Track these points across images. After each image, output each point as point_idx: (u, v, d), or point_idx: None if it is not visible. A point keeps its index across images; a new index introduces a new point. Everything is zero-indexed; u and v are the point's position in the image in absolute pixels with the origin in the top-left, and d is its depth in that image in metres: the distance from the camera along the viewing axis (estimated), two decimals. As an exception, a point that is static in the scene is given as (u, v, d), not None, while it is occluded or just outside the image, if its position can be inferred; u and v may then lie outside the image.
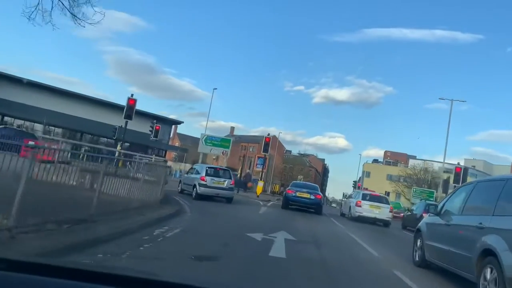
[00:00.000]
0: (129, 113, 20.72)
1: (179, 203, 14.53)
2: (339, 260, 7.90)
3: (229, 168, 19.26)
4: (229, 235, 8.90)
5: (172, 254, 6.33)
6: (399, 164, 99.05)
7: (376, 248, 10.39)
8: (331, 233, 12.92)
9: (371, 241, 11.88)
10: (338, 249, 9.78)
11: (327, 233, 12.54)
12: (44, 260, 1.79)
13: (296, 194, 19.75)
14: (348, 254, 9.15)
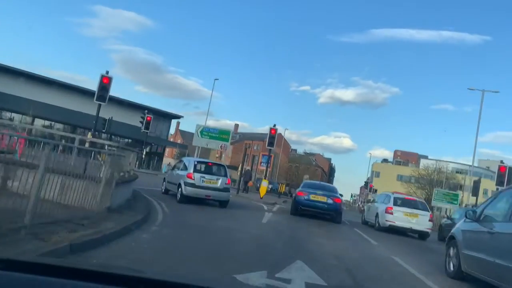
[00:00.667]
0: (102, 94, 16.67)
1: (149, 209, 10.42)
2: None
3: (223, 164, 15.09)
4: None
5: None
6: (409, 164, 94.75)
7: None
8: (371, 259, 8.74)
9: (431, 270, 7.82)
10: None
11: (366, 261, 8.37)
12: (43, 259, 2.05)
13: (310, 197, 15.60)
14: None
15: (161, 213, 10.72)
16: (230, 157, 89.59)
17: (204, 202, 14.47)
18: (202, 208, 13.49)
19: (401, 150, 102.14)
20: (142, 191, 15.68)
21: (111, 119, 38.12)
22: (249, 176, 27.96)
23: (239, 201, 19.47)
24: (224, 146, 26.32)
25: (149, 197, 14.28)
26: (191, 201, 13.92)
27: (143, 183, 20.06)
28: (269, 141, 22.83)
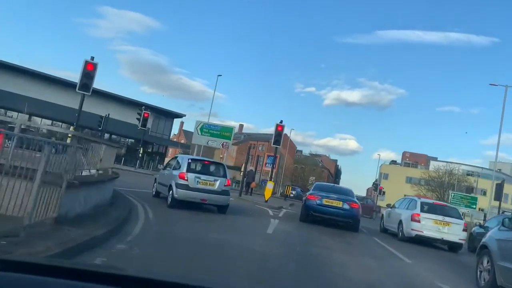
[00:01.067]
0: (86, 83, 14.63)
1: (126, 217, 8.29)
2: None
3: (222, 162, 12.95)
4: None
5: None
6: (418, 166, 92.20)
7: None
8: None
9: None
10: None
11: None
12: (44, 260, 1.95)
13: (323, 201, 13.44)
14: None
15: (141, 222, 8.59)
16: (234, 157, 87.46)
17: (200, 207, 12.38)
18: (196, 214, 11.37)
19: (409, 152, 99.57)
20: (131, 193, 13.74)
21: (108, 116, 36.16)
22: (252, 176, 25.56)
23: (241, 205, 17.33)
24: (226, 144, 24.13)
25: (136, 200, 12.23)
26: (184, 205, 11.84)
27: (136, 184, 18.03)
28: (275, 139, 20.67)
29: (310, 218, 13.64)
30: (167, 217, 10.36)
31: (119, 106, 50.80)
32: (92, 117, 38.52)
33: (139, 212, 10.00)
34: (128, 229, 7.53)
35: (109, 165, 11.78)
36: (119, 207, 9.41)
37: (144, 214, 9.82)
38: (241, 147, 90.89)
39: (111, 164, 12.04)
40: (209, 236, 8.31)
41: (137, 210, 10.21)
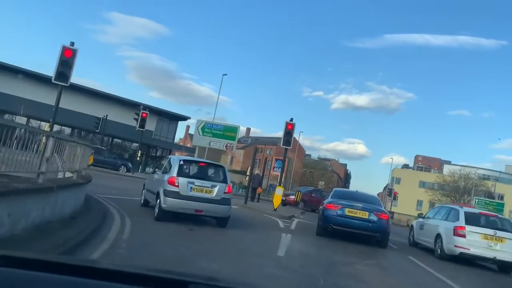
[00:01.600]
0: (63, 71, 12.41)
1: (86, 236, 5.99)
2: None
3: (222, 164, 10.58)
4: None
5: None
6: (432, 170, 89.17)
7: None
8: None
9: None
10: None
11: None
12: (42, 256, 1.90)
13: (345, 212, 11.05)
14: None
15: (107, 244, 6.28)
16: (241, 162, 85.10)
17: (195, 219, 10.08)
18: (188, 229, 9.04)
19: (422, 155, 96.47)
20: (116, 201, 11.58)
21: (106, 118, 34.06)
22: (258, 181, 23.08)
23: (246, 214, 14.98)
24: (230, 146, 21.77)
25: (116, 211, 9.97)
26: (175, 218, 9.56)
27: (126, 191, 15.80)
28: (285, 138, 18.31)
29: (329, 230, 11.26)
30: (148, 234, 8.06)
31: (122, 108, 48.67)
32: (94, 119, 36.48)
33: (112, 228, 7.70)
34: (82, 255, 5.25)
35: (82, 167, 9.55)
36: (83, 223, 7.11)
37: (118, 231, 7.52)
38: (248, 151, 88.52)
39: (85, 165, 9.79)
40: (197, 264, 5.96)
41: (110, 226, 7.92)
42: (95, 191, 13.21)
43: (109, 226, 7.89)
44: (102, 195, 12.72)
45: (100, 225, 7.55)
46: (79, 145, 8.05)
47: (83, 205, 8.89)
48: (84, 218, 7.49)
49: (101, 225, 7.66)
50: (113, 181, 19.93)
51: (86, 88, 46.53)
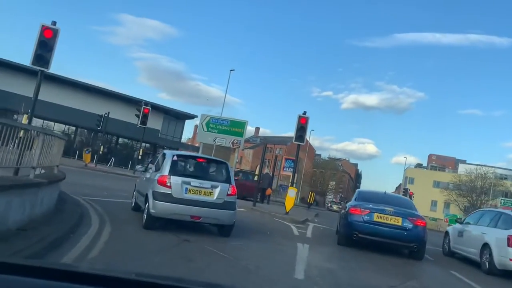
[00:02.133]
0: (42, 54, 10.68)
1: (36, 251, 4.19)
2: None
3: (224, 161, 8.70)
4: None
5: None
6: (446, 169, 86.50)
7: None
8: None
9: None
10: None
11: None
12: (42, 263, 1.91)
13: (373, 217, 9.17)
14: None
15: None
16: (250, 161, 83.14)
17: (192, 226, 8.31)
18: (182, 240, 7.25)
19: (436, 154, 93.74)
20: (103, 204, 10.05)
21: (107, 115, 32.44)
22: (268, 181, 21.23)
23: (255, 219, 13.15)
24: (237, 142, 19.91)
25: (97, 216, 8.30)
26: (168, 225, 7.81)
27: (120, 192, 14.12)
28: (298, 134, 16.43)
29: (354, 239, 9.38)
30: (127, 249, 6.27)
31: (127, 106, 47.10)
32: (89, 116, 34.93)
33: (80, 242, 5.94)
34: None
35: (55, 163, 7.80)
36: (35, 236, 5.31)
37: (86, 246, 5.75)
38: (257, 150, 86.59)
39: (57, 161, 8.05)
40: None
41: (79, 238, 6.15)
42: (81, 192, 11.56)
43: (77, 238, 6.12)
44: (89, 197, 11.04)
45: (63, 238, 5.79)
46: (41, 135, 6.26)
47: (51, 211, 7.14)
48: (40, 230, 5.71)
49: (65, 237, 5.89)
50: (110, 181, 18.23)
51: (89, 85, 45.09)
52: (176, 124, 55.57)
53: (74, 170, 22.05)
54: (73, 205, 8.44)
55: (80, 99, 43.81)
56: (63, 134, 43.99)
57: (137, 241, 6.80)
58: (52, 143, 7.45)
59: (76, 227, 6.84)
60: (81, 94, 44.11)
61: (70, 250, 5.36)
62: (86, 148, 27.25)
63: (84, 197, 10.91)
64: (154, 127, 50.20)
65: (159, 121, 51.91)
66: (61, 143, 8.04)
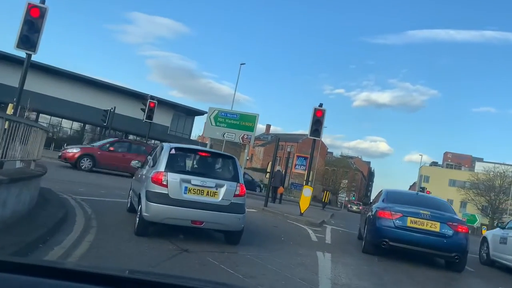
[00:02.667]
0: (27, 35, 9.49)
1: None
2: None
3: (231, 155, 7.31)
4: None
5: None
6: (462, 167, 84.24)
7: None
8: None
9: None
10: None
11: None
12: (38, 261, 1.99)
13: (406, 222, 7.81)
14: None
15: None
16: (261, 159, 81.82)
17: (193, 232, 7.05)
18: (180, 249, 5.99)
19: (452, 152, 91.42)
20: (101, 204, 9.03)
21: (113, 110, 31.31)
22: (280, 179, 19.64)
23: (267, 221, 11.83)
24: (248, 138, 18.60)
25: (86, 219, 7.07)
26: (164, 230, 6.57)
27: (121, 191, 12.94)
28: (314, 127, 15.07)
29: (384, 247, 8.02)
30: (109, 262, 5.00)
31: (135, 102, 46.12)
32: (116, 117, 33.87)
33: (52, 251, 4.73)
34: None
35: (31, 156, 6.60)
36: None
37: (59, 257, 4.52)
38: (269, 148, 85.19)
39: (34, 155, 6.84)
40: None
41: (52, 246, 4.93)
42: (74, 191, 10.42)
43: (46, 249, 4.90)
44: (82, 196, 9.87)
45: (26, 250, 4.55)
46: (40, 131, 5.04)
47: (21, 215, 5.92)
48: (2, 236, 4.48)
49: (30, 249, 4.66)
50: (112, 178, 17.05)
51: (96, 80, 44.13)
52: (186, 120, 54.52)
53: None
54: (55, 207, 7.22)
55: (88, 95, 42.91)
56: (47, 126, 43.39)
57: (124, 252, 5.54)
58: (28, 134, 6.24)
59: (51, 235, 5.63)
60: (89, 89, 43.22)
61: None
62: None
63: (76, 196, 9.75)
64: (163, 123, 49.18)
65: (169, 117, 50.90)
66: (40, 134, 6.81)
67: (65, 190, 10.43)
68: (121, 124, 43.47)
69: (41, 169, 7.07)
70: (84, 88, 42.96)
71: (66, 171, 16.99)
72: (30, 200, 6.47)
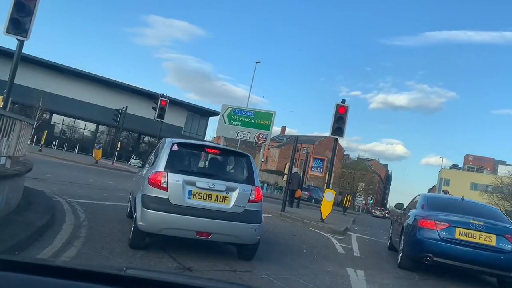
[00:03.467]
0: (18, 19, 8.50)
1: None
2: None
3: (245, 153, 6.08)
4: None
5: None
6: (484, 170, 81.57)
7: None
8: None
9: None
10: None
11: None
12: (41, 260, 1.94)
13: (454, 234, 6.53)
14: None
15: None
16: (276, 161, 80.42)
17: (199, 245, 5.90)
18: (182, 266, 4.84)
19: (473, 155, 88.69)
20: (100, 208, 8.12)
21: (125, 110, 30.47)
22: (297, 181, 18.22)
23: (285, 228, 10.61)
24: (263, 137, 17.37)
25: (74, 227, 6.01)
26: (164, 242, 5.44)
27: (126, 192, 11.90)
28: (335, 126, 13.80)
29: (426, 263, 6.74)
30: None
31: (148, 102, 45.44)
32: (127, 116, 33.09)
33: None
34: None
35: (11, 152, 5.51)
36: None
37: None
38: (284, 150, 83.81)
39: (14, 150, 5.76)
40: None
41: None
42: (72, 193, 9.44)
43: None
44: (80, 199, 8.87)
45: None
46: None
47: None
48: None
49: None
50: (118, 180, 16.03)
51: (110, 80, 43.46)
52: (200, 121, 53.66)
53: (81, 168, 20.08)
54: (38, 213, 6.14)
55: (101, 95, 42.34)
56: (60, 126, 42.92)
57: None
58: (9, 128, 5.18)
59: (23, 247, 4.54)
60: (102, 89, 42.63)
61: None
62: (97, 143, 25.17)
63: (73, 199, 8.73)
64: (177, 124, 48.42)
65: (183, 118, 50.15)
66: (18, 127, 5.73)
67: (63, 192, 9.43)
68: (134, 124, 42.77)
69: (22, 167, 6.00)
70: (97, 88, 42.39)
71: (72, 169, 16.06)
72: (5, 205, 5.40)
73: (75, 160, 22.62)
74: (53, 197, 8.48)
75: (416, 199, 8.54)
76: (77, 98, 41.59)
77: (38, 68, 39.34)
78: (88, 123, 45.03)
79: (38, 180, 10.92)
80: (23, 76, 37.84)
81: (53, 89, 39.19)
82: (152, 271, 1.70)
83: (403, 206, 9.24)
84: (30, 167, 6.57)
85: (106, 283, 1.25)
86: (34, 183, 10.17)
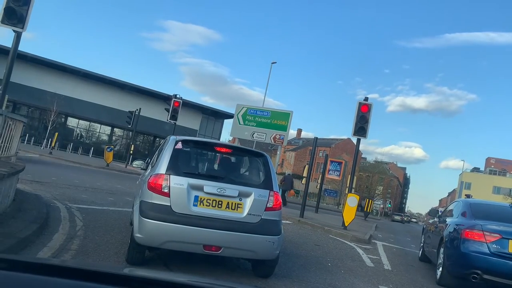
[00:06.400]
0: (14, 7, 7.82)
1: None
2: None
3: (262, 152, 5.21)
4: None
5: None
6: (507, 174, 79.04)
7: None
8: None
9: None
10: None
11: None
12: (44, 260, 1.97)
13: (507, 247, 5.57)
14: None
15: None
16: (292, 164, 79.35)
17: (207, 260, 5.06)
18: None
19: (495, 158, 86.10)
20: (102, 214, 7.58)
21: (138, 112, 29.93)
22: (290, 182, 19.48)
23: (304, 236, 9.69)
24: (280, 138, 16.49)
25: (68, 237, 5.23)
26: (166, 256, 4.62)
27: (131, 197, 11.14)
28: (358, 125, 12.83)
29: (475, 282, 5.77)
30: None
31: (163, 104, 44.89)
32: (142, 119, 32.61)
33: None
34: None
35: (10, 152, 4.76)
36: None
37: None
38: (300, 153, 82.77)
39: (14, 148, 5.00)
40: None
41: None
42: (75, 198, 8.73)
43: None
44: (82, 204, 8.16)
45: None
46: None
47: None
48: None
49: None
50: (127, 183, 15.30)
51: (124, 82, 43.05)
52: (215, 123, 53.04)
53: (91, 170, 19.48)
54: (25, 221, 5.38)
55: (115, 98, 42.01)
56: (75, 129, 42.65)
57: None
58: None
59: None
60: (116, 92, 42.30)
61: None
62: (108, 146, 24.57)
63: (74, 204, 8.01)
64: (192, 127, 47.89)
65: (197, 120, 49.64)
66: (19, 125, 4.98)
67: (64, 197, 8.72)
68: (149, 127, 42.34)
69: (9, 168, 5.24)
70: (113, 91, 42.08)
71: (81, 172, 15.42)
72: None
73: (85, 162, 22.06)
74: (51, 202, 7.77)
75: (452, 205, 7.55)
76: (92, 101, 41.35)
77: (53, 71, 39.20)
78: (103, 126, 44.79)
79: (40, 183, 10.26)
80: (38, 79, 37.98)
81: (68, 92, 39.01)
82: (153, 271, 1.58)
83: (438, 213, 8.24)
84: (20, 168, 5.83)
85: (107, 283, 1.21)
86: (35, 186, 9.52)
